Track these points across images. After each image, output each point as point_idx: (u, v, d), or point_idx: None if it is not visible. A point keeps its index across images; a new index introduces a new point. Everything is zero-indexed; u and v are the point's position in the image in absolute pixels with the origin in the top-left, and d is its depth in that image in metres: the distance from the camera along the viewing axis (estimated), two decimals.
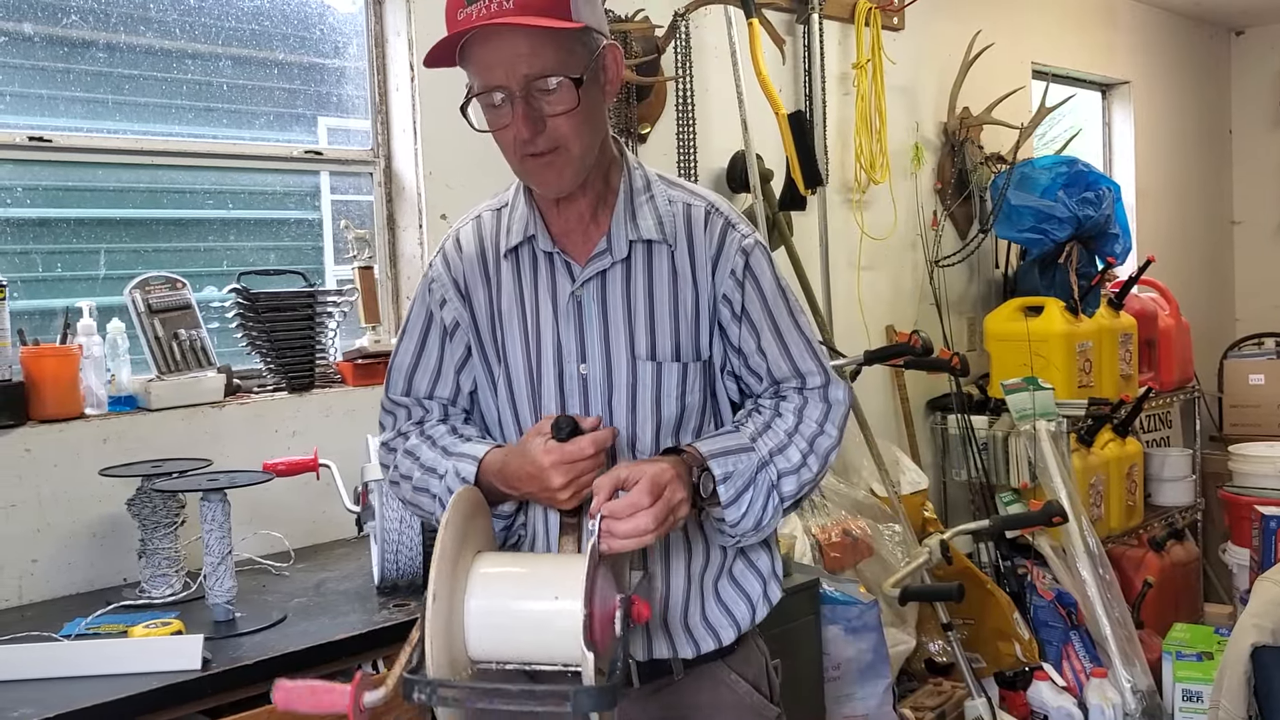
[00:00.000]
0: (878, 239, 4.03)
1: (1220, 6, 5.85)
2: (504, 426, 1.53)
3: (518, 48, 1.33)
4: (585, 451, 1.33)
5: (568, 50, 1.36)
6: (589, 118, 1.40)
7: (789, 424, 1.47)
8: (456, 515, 1.26)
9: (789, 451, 1.45)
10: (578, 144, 1.39)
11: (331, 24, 2.82)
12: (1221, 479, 4.79)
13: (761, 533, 1.46)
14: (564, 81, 1.35)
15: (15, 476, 2.14)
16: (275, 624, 1.95)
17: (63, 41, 2.40)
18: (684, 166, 3.34)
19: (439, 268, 1.54)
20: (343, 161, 2.81)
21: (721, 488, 1.39)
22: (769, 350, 1.49)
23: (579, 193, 1.46)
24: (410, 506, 1.56)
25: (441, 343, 1.54)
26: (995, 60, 4.44)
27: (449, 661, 1.21)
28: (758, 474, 1.42)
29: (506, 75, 1.34)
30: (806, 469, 1.46)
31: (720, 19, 3.42)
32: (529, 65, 1.34)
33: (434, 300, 1.54)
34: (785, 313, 1.51)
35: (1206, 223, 6.23)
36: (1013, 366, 4.11)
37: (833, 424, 1.50)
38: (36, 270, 2.38)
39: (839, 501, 3.31)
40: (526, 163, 1.40)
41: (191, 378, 2.39)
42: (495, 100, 1.37)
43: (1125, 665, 3.46)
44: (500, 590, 1.27)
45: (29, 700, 1.62)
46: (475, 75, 1.38)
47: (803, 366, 1.50)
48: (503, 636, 1.25)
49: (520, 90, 1.34)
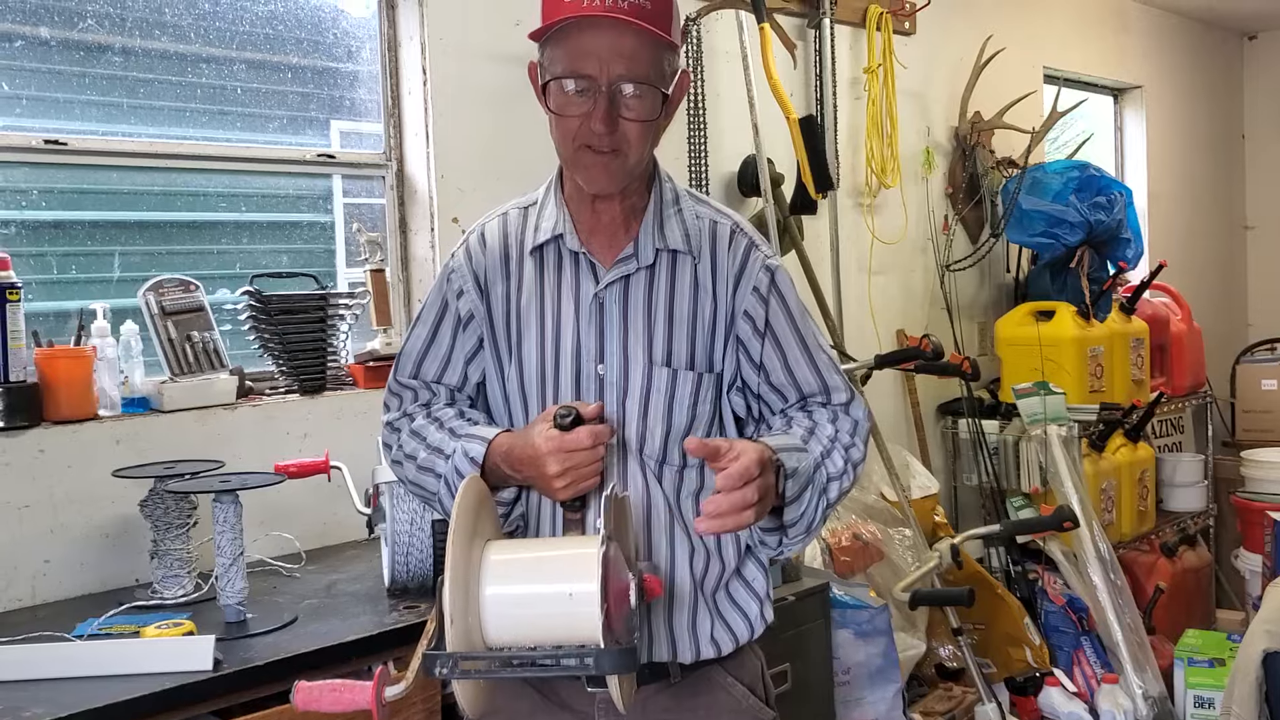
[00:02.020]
0: (889, 243, 4.03)
1: (1233, 11, 5.84)
2: (513, 420, 1.54)
3: (621, 46, 1.36)
4: (582, 443, 1.35)
5: (660, 62, 1.40)
6: (655, 131, 1.44)
7: (830, 432, 1.50)
8: (468, 500, 1.28)
9: (834, 457, 1.48)
10: (636, 152, 1.42)
11: (344, 28, 2.83)
12: (1234, 484, 4.77)
13: (809, 537, 1.48)
14: (651, 91, 1.39)
15: (29, 477, 2.16)
16: (286, 625, 1.96)
17: (78, 46, 2.41)
18: (695, 171, 3.34)
19: (460, 259, 1.56)
20: (355, 165, 2.83)
21: (789, 482, 1.40)
22: (797, 366, 1.52)
23: (617, 197, 1.48)
24: (411, 487, 1.57)
25: (454, 332, 1.56)
26: (1007, 64, 4.43)
27: (467, 645, 1.22)
28: (814, 474, 1.44)
29: (600, 68, 1.37)
30: (847, 476, 1.49)
31: (731, 24, 3.43)
32: (627, 66, 1.37)
33: (451, 290, 1.55)
34: (811, 331, 1.54)
35: (1219, 227, 6.21)
36: (1024, 371, 4.10)
37: (860, 439, 1.53)
38: (51, 272, 2.39)
39: (849, 505, 3.31)
40: (583, 155, 1.42)
41: (204, 379, 2.40)
42: (574, 87, 1.39)
43: (1137, 671, 3.45)
44: (515, 576, 1.28)
45: (42, 700, 1.63)
46: (564, 59, 1.39)
47: (830, 382, 1.54)
48: (520, 621, 1.27)
49: (606, 86, 1.37)
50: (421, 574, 2.15)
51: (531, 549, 1.38)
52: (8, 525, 2.14)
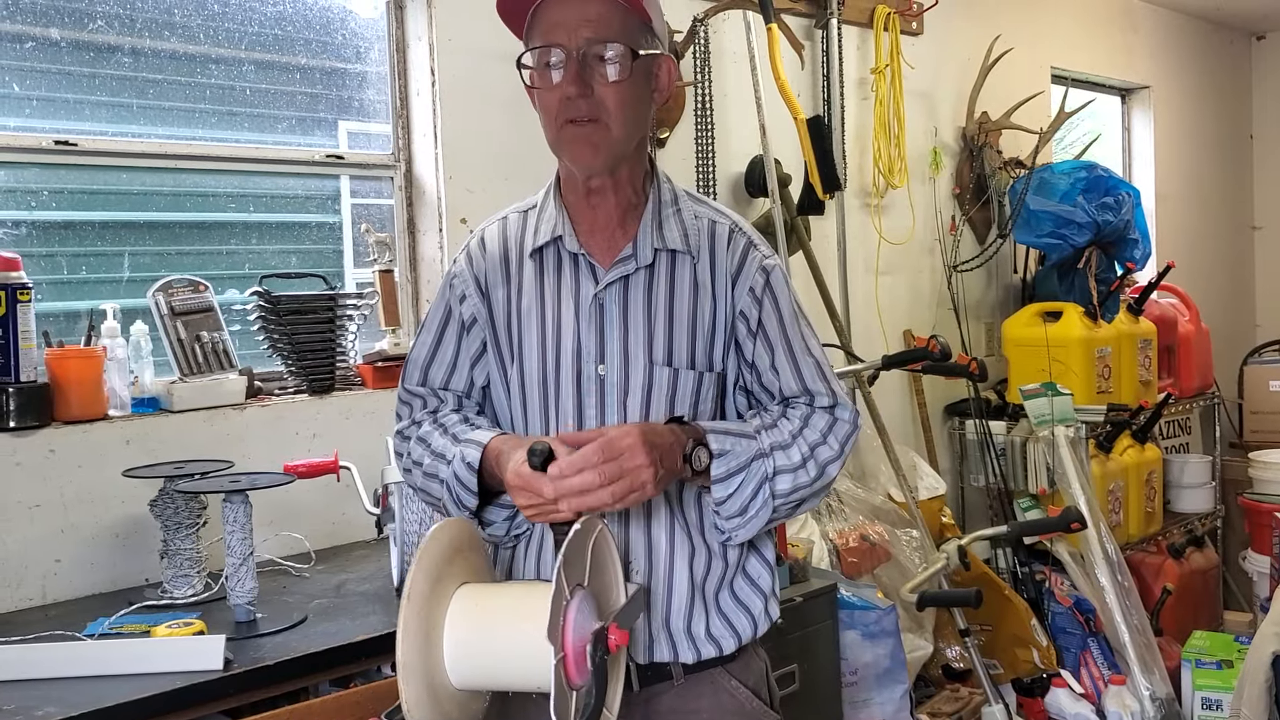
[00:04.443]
0: (896, 244, 4.03)
1: (1240, 11, 5.82)
2: (514, 423, 1.54)
3: (587, 12, 1.40)
4: (543, 491, 1.31)
5: (630, 29, 1.42)
6: (634, 101, 1.44)
7: (794, 426, 1.49)
8: (430, 554, 1.32)
9: (790, 450, 1.46)
10: (618, 122, 1.42)
11: (353, 29, 2.83)
12: (1241, 486, 4.76)
13: (749, 525, 1.46)
14: (622, 51, 1.40)
15: (40, 477, 2.16)
16: (296, 625, 1.96)
17: (89, 46, 2.42)
18: (702, 171, 3.34)
19: (462, 264, 1.57)
20: (363, 165, 2.83)
21: (715, 462, 1.41)
22: (782, 368, 1.52)
23: (611, 193, 1.48)
24: (420, 493, 1.57)
25: (458, 337, 1.56)
26: (1014, 65, 4.43)
27: (429, 690, 1.27)
28: (754, 462, 1.43)
29: (569, 35, 1.40)
30: (804, 471, 1.46)
31: (739, 24, 3.43)
32: (594, 30, 1.40)
33: (454, 296, 1.56)
34: (799, 334, 1.53)
35: (1227, 228, 6.19)
36: (1031, 372, 4.09)
37: (835, 437, 1.50)
38: (62, 272, 2.40)
39: (857, 506, 3.31)
40: (565, 130, 1.43)
41: (213, 380, 2.41)
42: (550, 59, 1.41)
43: (1144, 672, 3.44)
44: (476, 624, 1.31)
45: (53, 699, 1.64)
46: (538, 36, 1.43)
47: (812, 386, 1.52)
48: (479, 668, 1.31)
49: (578, 52, 1.39)
50: None
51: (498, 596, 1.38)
52: (19, 525, 2.14)
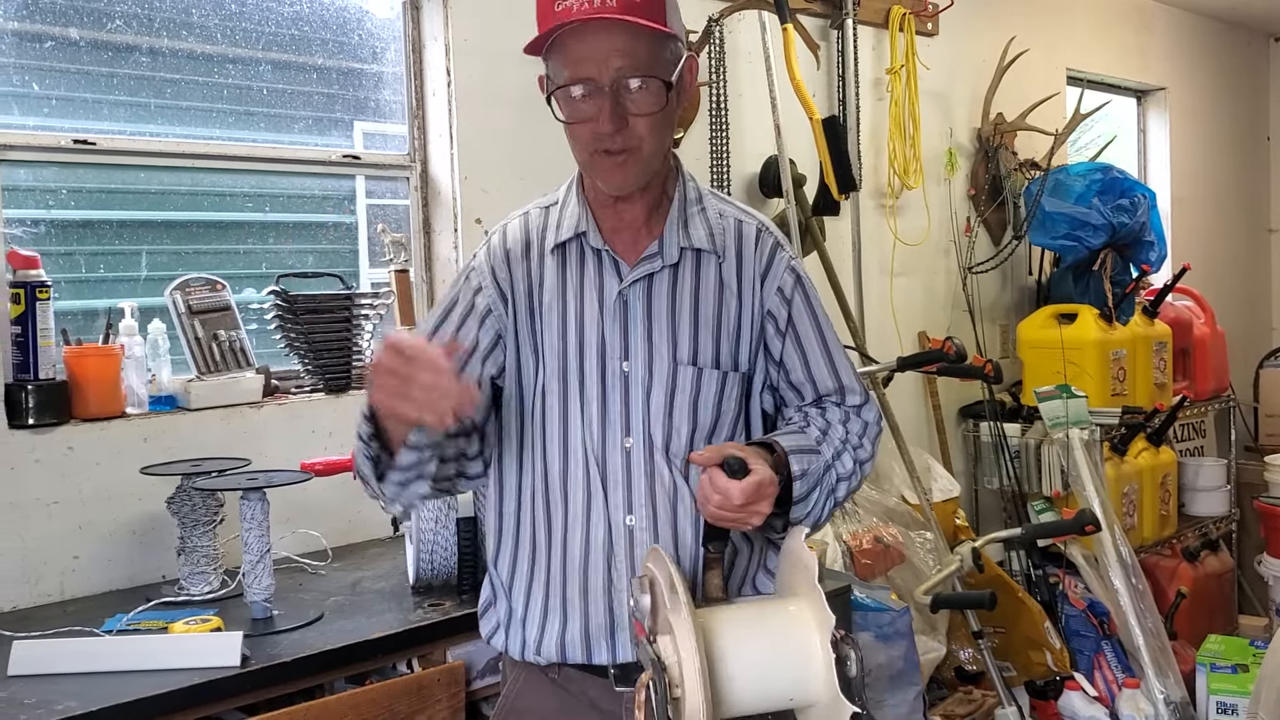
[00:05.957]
0: (911, 244, 4.02)
1: (1257, 12, 5.79)
2: (530, 416, 1.51)
3: (615, 43, 1.36)
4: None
5: (659, 52, 1.40)
6: (666, 123, 1.44)
7: (842, 434, 1.52)
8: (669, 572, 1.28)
9: (845, 458, 1.50)
10: (650, 146, 1.42)
11: (369, 29, 2.84)
12: (1257, 489, 4.73)
13: (813, 531, 1.50)
14: (655, 83, 1.39)
15: (58, 474, 2.18)
16: (312, 622, 1.97)
17: (107, 46, 2.43)
18: (717, 171, 3.34)
19: (481, 258, 1.56)
20: (379, 166, 2.84)
21: (797, 484, 1.42)
22: (816, 367, 1.53)
23: (638, 195, 1.49)
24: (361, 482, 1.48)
25: (461, 323, 1.53)
26: (1029, 66, 4.42)
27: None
28: (824, 475, 1.46)
29: (599, 69, 1.37)
30: (855, 477, 1.51)
31: (754, 24, 3.43)
32: (624, 61, 1.37)
33: (470, 287, 1.55)
34: (832, 333, 1.56)
35: (1243, 230, 6.16)
36: (1046, 374, 4.08)
37: (869, 440, 1.55)
38: (80, 271, 2.41)
39: (871, 508, 3.30)
40: (597, 159, 1.43)
41: (230, 378, 2.42)
42: (579, 93, 1.39)
43: (1158, 676, 3.43)
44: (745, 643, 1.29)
45: (71, 694, 1.65)
46: (564, 67, 1.40)
47: (846, 384, 1.55)
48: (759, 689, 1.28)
49: (609, 85, 1.37)
50: (445, 571, 2.16)
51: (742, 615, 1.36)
52: (37, 521, 2.16)
